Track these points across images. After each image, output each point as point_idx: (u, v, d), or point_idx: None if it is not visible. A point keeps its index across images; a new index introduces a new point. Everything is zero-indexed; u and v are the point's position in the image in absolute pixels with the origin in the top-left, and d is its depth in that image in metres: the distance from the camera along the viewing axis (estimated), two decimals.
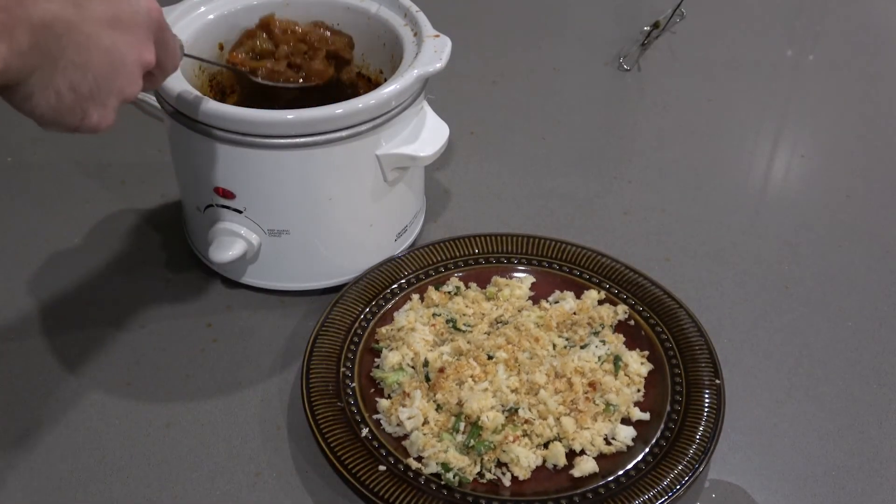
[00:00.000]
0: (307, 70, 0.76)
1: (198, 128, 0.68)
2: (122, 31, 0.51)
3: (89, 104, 0.50)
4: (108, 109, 0.52)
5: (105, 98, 0.51)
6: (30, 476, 0.64)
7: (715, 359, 0.69)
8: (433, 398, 0.67)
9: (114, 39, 0.50)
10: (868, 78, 1.12)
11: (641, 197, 0.91)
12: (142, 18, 0.52)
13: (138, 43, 0.52)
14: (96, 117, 0.51)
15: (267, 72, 0.75)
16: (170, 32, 0.57)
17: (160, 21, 0.54)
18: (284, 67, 0.76)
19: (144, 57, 0.53)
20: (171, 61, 0.58)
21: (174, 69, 0.60)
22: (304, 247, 0.74)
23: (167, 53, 0.57)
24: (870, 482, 0.65)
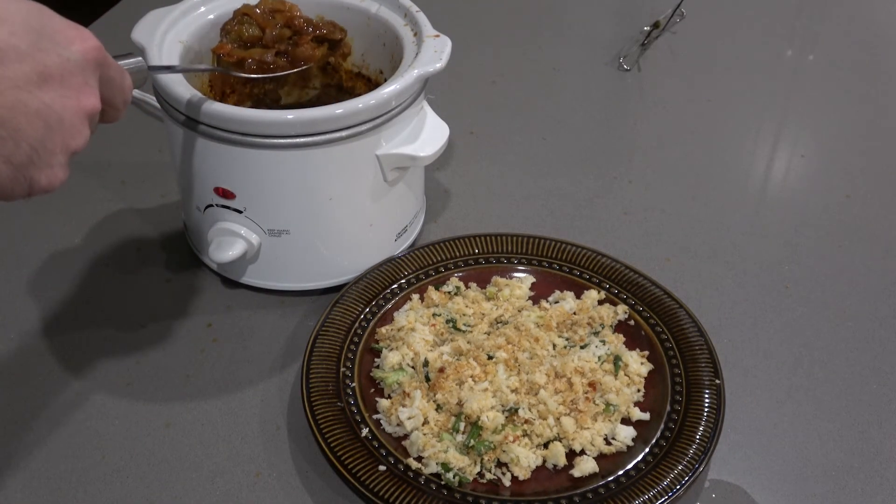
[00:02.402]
0: (294, 56, 0.74)
1: (198, 128, 0.68)
2: (53, 86, 0.47)
3: (31, 171, 0.48)
4: (55, 168, 0.49)
5: (48, 159, 0.48)
6: (30, 476, 0.64)
7: (715, 359, 0.69)
8: (433, 398, 0.67)
9: (44, 99, 0.47)
10: (868, 78, 1.12)
11: (641, 197, 0.91)
12: (74, 65, 0.48)
13: (75, 93, 0.49)
14: (45, 180, 0.49)
15: (256, 63, 0.73)
16: (114, 67, 0.53)
17: (99, 59, 0.50)
18: (273, 57, 0.73)
19: (85, 105, 0.49)
20: (119, 96, 0.54)
21: (126, 103, 0.56)
22: (304, 247, 0.74)
23: (114, 90, 0.53)
24: (870, 482, 0.65)
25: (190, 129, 0.69)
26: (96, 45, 0.50)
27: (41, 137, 0.47)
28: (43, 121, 0.47)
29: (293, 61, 0.74)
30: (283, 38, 0.73)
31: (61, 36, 0.48)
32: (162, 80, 0.69)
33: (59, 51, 0.48)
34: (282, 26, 0.73)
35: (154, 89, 0.71)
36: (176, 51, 0.73)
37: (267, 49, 0.72)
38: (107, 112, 0.54)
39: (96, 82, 0.51)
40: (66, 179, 0.50)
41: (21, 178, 0.47)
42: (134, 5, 1.15)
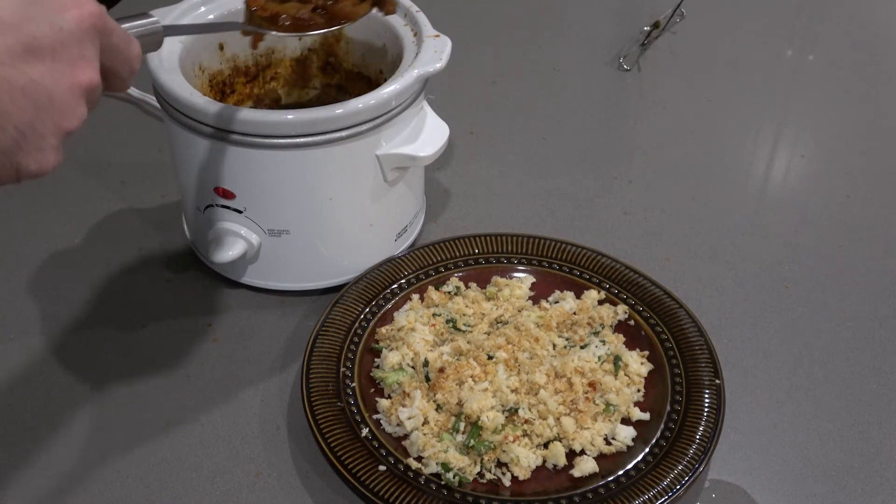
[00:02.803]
0: (333, 12, 0.67)
1: (198, 128, 0.68)
2: (43, 59, 0.42)
3: (18, 156, 0.43)
4: (46, 152, 0.44)
5: (38, 142, 0.44)
6: (30, 476, 0.64)
7: (715, 359, 0.69)
8: (433, 398, 0.67)
9: (31, 75, 0.42)
10: (868, 78, 1.12)
11: (641, 197, 0.91)
12: (68, 35, 0.43)
13: (69, 67, 0.44)
14: (34, 165, 0.44)
15: (291, 19, 0.65)
16: (118, 34, 0.48)
17: (99, 26, 0.45)
18: (310, 13, 0.66)
19: (80, 80, 0.45)
20: (125, 66, 0.49)
21: (133, 72, 0.50)
22: (304, 247, 0.74)
23: (117, 59, 0.48)
24: (870, 482, 0.65)
25: (190, 129, 0.69)
26: (94, 10, 0.45)
27: (29, 119, 0.43)
28: (31, 100, 0.42)
29: (331, 18, 0.66)
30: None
31: (54, 2, 0.44)
32: (162, 80, 0.69)
33: (51, 19, 0.43)
34: None
35: (154, 89, 0.71)
36: (176, 51, 0.73)
37: (304, 4, 0.66)
38: (112, 82, 0.50)
39: (95, 53, 0.46)
40: (60, 163, 0.46)
41: (7, 164, 0.43)
42: (134, 5, 1.15)
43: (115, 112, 1.00)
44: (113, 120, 1.00)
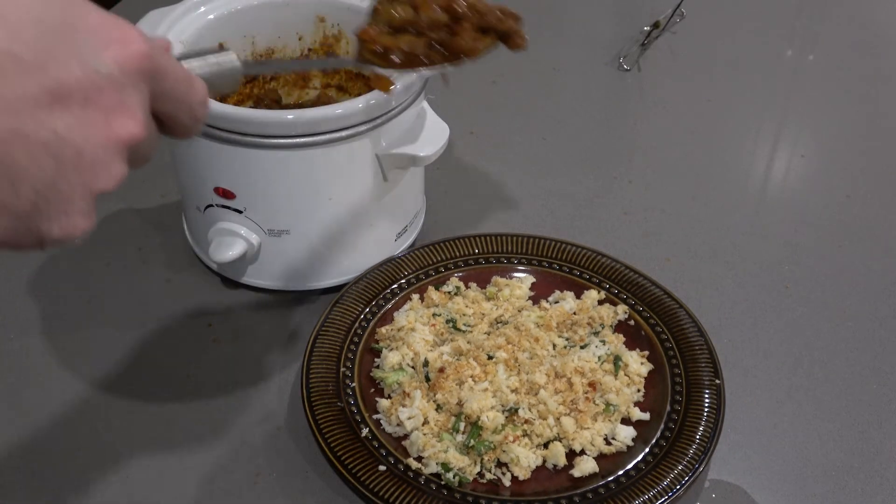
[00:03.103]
0: (451, 47, 0.59)
1: None
2: (70, 107, 0.35)
3: (39, 222, 0.36)
4: (72, 216, 0.37)
5: (63, 205, 0.36)
6: (30, 476, 0.64)
7: (715, 359, 0.69)
8: (433, 398, 0.67)
9: (55, 127, 0.34)
10: (868, 78, 1.12)
11: (641, 197, 0.91)
12: (105, 79, 0.36)
13: (104, 116, 0.36)
14: (58, 231, 0.36)
15: (404, 55, 0.59)
16: (172, 76, 0.40)
17: (145, 69, 0.38)
18: (425, 48, 0.59)
19: (118, 132, 0.37)
20: (185, 112, 0.41)
21: (196, 119, 0.43)
22: (304, 247, 0.74)
23: (175, 104, 0.41)
24: (870, 482, 0.65)
25: None
26: (142, 49, 0.38)
27: (51, 179, 0.35)
28: (52, 156, 0.35)
29: (450, 53, 0.60)
30: (439, 23, 0.59)
31: (91, 39, 0.36)
32: None
33: (85, 59, 0.35)
34: (441, 9, 0.59)
35: None
36: (176, 51, 0.73)
37: (420, 36, 0.59)
38: (172, 128, 0.42)
39: (140, 100, 0.38)
40: (91, 227, 0.38)
41: (25, 230, 0.36)
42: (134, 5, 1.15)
43: None
44: None
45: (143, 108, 0.38)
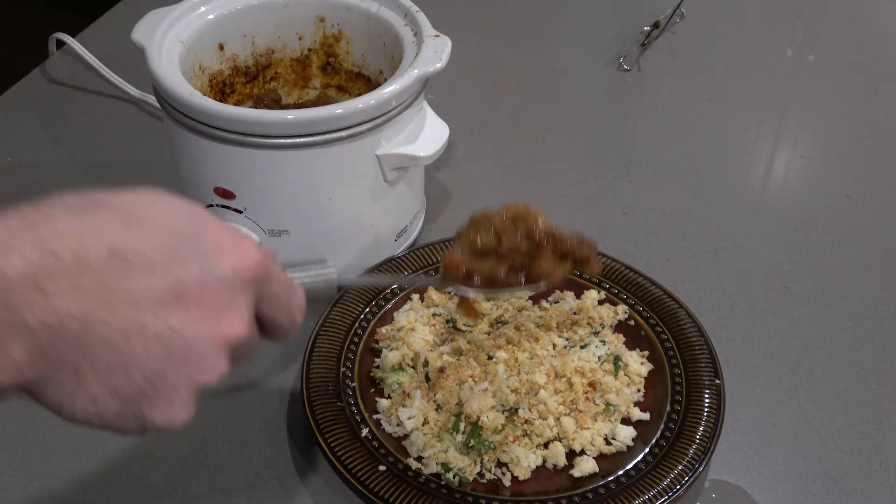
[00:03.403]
0: (531, 272, 0.61)
1: (198, 128, 0.68)
2: (186, 306, 0.39)
3: (144, 408, 0.39)
4: (175, 405, 0.39)
5: (168, 393, 0.39)
6: (30, 476, 0.64)
7: (715, 359, 0.69)
8: (433, 398, 0.67)
9: (170, 322, 0.38)
10: (868, 78, 1.11)
11: (641, 197, 0.91)
12: (220, 283, 0.40)
13: (215, 316, 0.40)
14: (160, 418, 0.39)
15: (485, 278, 0.61)
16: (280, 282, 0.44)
17: (257, 277, 0.42)
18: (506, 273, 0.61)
19: (225, 332, 0.40)
20: (284, 316, 0.45)
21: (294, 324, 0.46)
22: (304, 247, 0.74)
23: (277, 308, 0.44)
24: (870, 482, 0.65)
25: (190, 129, 0.69)
26: (255, 259, 0.42)
27: (160, 368, 0.38)
28: (165, 348, 0.38)
29: (529, 278, 0.62)
30: (520, 250, 0.61)
31: (211, 246, 0.40)
32: (162, 80, 0.69)
33: (203, 263, 0.39)
34: (522, 236, 0.61)
35: (154, 89, 0.71)
36: (176, 51, 0.73)
37: (501, 261, 0.61)
38: (270, 330, 0.46)
39: (248, 304, 0.42)
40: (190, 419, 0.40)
41: (130, 414, 0.39)
42: (134, 5, 1.15)
43: (115, 112, 1.00)
44: (113, 120, 1.00)
45: (249, 310, 0.42)
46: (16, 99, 1.02)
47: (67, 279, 0.36)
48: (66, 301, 0.36)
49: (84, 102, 1.01)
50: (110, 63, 1.03)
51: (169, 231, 0.39)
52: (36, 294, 0.35)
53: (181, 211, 0.41)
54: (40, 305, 0.35)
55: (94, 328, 0.36)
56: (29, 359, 0.36)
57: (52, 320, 0.36)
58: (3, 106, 1.01)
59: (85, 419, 0.38)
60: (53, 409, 0.38)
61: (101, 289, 0.36)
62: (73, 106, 1.01)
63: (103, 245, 0.37)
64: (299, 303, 0.47)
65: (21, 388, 0.37)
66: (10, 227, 0.36)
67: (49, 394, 0.37)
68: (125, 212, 0.39)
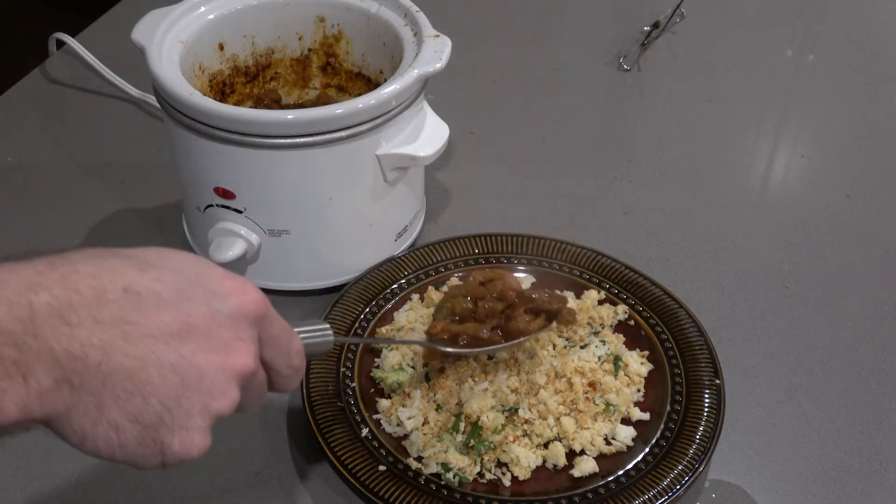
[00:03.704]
0: (508, 330, 0.66)
1: (198, 128, 0.68)
2: (197, 339, 0.42)
3: (162, 433, 0.41)
4: (192, 431, 0.42)
5: (184, 420, 0.41)
6: (30, 476, 0.64)
7: (715, 359, 0.69)
8: (433, 398, 0.67)
9: (182, 352, 0.41)
10: (868, 78, 1.11)
11: (641, 197, 0.91)
12: (225, 318, 0.43)
13: (222, 348, 0.43)
14: (178, 444, 0.41)
15: (469, 339, 0.66)
16: (278, 325, 0.47)
17: (259, 314, 0.45)
18: (488, 332, 0.66)
19: (234, 363, 0.43)
20: (283, 359, 0.48)
21: (293, 369, 0.49)
22: (304, 247, 0.74)
23: (277, 350, 0.47)
24: (870, 482, 0.65)
25: (190, 129, 0.69)
26: (257, 298, 0.45)
27: (175, 395, 0.41)
28: (179, 376, 0.41)
29: (507, 335, 0.66)
30: (495, 311, 0.67)
31: (216, 286, 0.44)
32: (162, 80, 0.69)
33: (210, 301, 0.43)
34: (495, 299, 0.67)
35: (154, 89, 0.71)
36: (176, 51, 0.73)
37: (481, 324, 0.66)
38: (271, 377, 0.48)
39: (253, 339, 0.45)
40: (207, 448, 0.43)
41: (150, 441, 0.41)
42: (134, 5, 1.15)
43: (115, 112, 1.00)
44: (113, 120, 1.00)
45: (254, 345, 0.45)
46: (16, 99, 1.02)
47: (88, 312, 0.39)
48: (88, 332, 0.39)
49: (84, 102, 1.01)
50: (110, 63, 1.03)
51: (178, 274, 0.43)
52: (61, 325, 0.38)
53: (189, 259, 0.44)
54: (65, 335, 0.38)
55: (114, 357, 0.39)
56: (54, 386, 0.38)
57: (76, 349, 0.38)
58: (3, 106, 1.01)
59: (107, 449, 0.41)
60: (77, 439, 0.40)
61: (118, 321, 0.40)
62: (73, 106, 1.01)
63: (119, 284, 0.40)
64: (297, 347, 0.49)
65: (46, 418, 0.39)
66: (36, 269, 0.39)
67: (73, 423, 0.40)
68: (138, 258, 0.42)
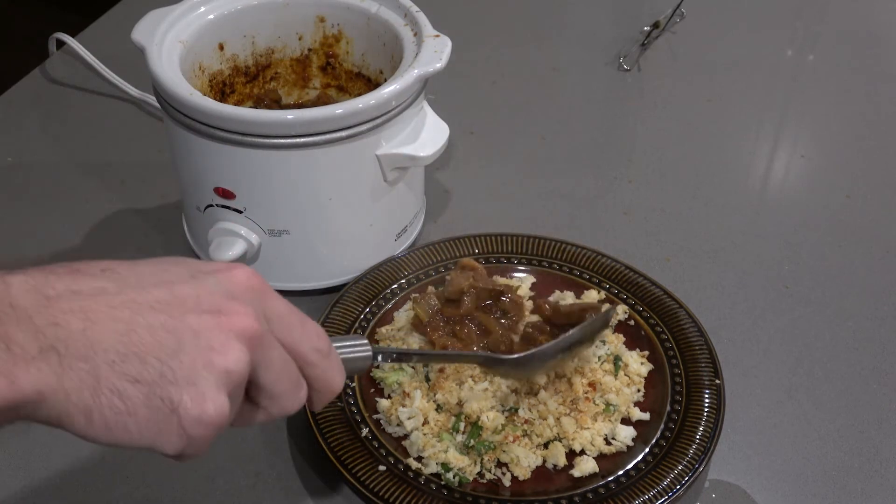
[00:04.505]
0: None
1: (198, 128, 0.68)
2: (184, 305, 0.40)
3: (169, 390, 0.39)
4: (201, 386, 0.39)
5: (188, 374, 0.39)
6: (30, 476, 0.64)
7: (715, 359, 0.69)
8: (433, 398, 0.67)
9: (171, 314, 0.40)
10: (868, 78, 1.11)
11: (641, 197, 0.91)
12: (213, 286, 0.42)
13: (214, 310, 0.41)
14: (189, 400, 0.39)
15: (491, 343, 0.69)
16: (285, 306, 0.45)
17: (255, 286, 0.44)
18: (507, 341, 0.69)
19: (233, 319, 0.41)
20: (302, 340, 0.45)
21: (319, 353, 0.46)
22: (304, 247, 0.74)
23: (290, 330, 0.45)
24: (870, 482, 0.65)
25: (190, 129, 0.69)
26: (248, 271, 0.44)
27: (172, 351, 0.39)
28: (172, 335, 0.39)
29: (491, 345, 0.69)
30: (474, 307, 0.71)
31: (200, 265, 0.43)
32: (162, 80, 0.69)
33: (195, 273, 0.42)
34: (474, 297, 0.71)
35: (154, 89, 0.71)
36: (176, 51, 0.73)
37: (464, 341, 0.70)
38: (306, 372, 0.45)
39: (249, 304, 0.42)
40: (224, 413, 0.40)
41: (158, 401, 0.39)
42: (134, 5, 1.15)
43: (115, 112, 1.00)
44: (113, 120, 1.00)
45: (253, 310, 0.42)
46: (16, 99, 1.02)
47: (66, 286, 0.38)
48: (67, 302, 0.38)
49: (84, 102, 1.01)
50: (110, 63, 1.03)
51: (156, 263, 0.42)
52: (38, 297, 0.38)
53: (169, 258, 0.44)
54: (43, 306, 0.37)
55: (98, 322, 0.38)
56: (39, 354, 0.37)
57: (57, 317, 0.37)
58: (3, 106, 1.01)
59: (118, 421, 0.38)
60: (83, 418, 0.38)
61: (98, 292, 0.39)
62: (73, 106, 1.01)
63: (97, 267, 0.40)
64: (316, 329, 0.46)
65: (40, 396, 0.37)
66: (9, 271, 0.39)
67: (72, 399, 0.38)
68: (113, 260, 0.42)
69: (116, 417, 0.38)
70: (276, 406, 0.44)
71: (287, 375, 0.44)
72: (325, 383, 0.47)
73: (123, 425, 0.38)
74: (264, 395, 0.44)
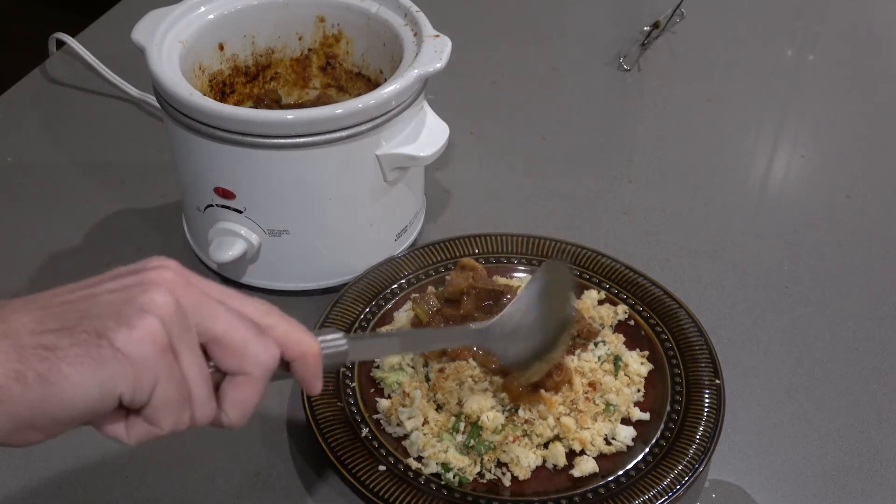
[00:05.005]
0: None
1: (198, 128, 0.68)
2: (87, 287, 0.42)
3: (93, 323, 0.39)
4: (123, 315, 0.39)
5: (112, 311, 0.40)
6: (30, 476, 0.64)
7: (715, 359, 0.69)
8: (433, 398, 0.67)
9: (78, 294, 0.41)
10: (868, 78, 1.12)
11: (641, 197, 0.91)
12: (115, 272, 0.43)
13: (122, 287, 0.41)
14: (114, 323, 0.39)
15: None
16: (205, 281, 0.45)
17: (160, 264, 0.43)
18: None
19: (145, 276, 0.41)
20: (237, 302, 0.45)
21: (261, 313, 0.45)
22: (304, 247, 0.74)
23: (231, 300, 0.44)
24: (870, 482, 0.65)
25: (190, 129, 0.69)
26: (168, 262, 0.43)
27: (89, 304, 0.40)
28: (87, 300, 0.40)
29: None
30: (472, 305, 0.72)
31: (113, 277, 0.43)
32: (162, 80, 0.69)
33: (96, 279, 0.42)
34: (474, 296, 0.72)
35: (154, 89, 0.71)
36: (176, 51, 0.73)
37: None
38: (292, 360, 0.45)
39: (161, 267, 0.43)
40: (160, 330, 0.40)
41: (82, 334, 0.39)
42: (134, 5, 1.15)
43: (115, 112, 1.00)
44: (113, 120, 1.00)
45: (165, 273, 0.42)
46: (16, 99, 1.02)
47: None
48: None
49: (84, 102, 1.01)
50: (110, 63, 1.03)
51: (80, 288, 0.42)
52: None
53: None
54: None
55: (15, 311, 0.40)
56: None
57: None
58: (3, 106, 1.01)
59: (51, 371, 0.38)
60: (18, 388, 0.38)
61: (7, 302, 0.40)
62: (73, 106, 1.01)
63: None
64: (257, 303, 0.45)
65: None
66: None
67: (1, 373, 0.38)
68: None
69: (48, 365, 0.38)
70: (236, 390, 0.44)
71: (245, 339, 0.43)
72: (297, 343, 0.45)
73: (58, 370, 0.38)
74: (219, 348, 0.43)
